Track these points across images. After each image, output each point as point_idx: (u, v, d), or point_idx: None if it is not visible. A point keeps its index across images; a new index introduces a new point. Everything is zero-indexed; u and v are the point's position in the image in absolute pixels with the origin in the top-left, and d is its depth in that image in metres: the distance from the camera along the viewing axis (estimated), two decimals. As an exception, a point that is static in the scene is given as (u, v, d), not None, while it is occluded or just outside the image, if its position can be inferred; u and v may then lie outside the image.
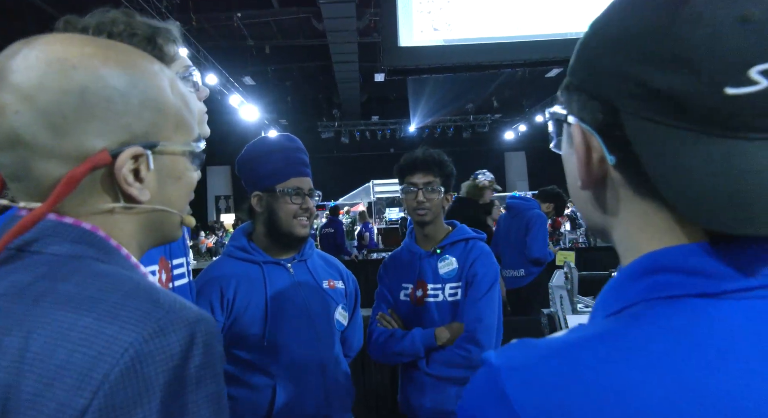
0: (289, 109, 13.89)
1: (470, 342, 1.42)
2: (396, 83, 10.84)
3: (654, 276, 0.36)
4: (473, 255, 1.52)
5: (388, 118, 14.79)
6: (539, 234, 3.45)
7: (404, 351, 1.48)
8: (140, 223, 0.53)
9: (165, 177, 0.53)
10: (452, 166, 1.59)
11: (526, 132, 14.90)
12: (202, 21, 8.11)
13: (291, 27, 9.00)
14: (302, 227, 1.34)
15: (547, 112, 0.46)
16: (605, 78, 0.37)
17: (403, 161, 1.59)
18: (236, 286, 1.28)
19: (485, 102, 14.07)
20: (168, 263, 0.95)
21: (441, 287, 1.52)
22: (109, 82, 0.47)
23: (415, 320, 1.53)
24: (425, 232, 1.58)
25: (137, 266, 0.52)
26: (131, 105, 0.48)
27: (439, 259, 1.54)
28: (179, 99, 0.54)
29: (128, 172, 0.48)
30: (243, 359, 1.26)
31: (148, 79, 0.50)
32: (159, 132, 0.51)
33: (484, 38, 3.86)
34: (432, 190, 1.53)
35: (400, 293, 1.59)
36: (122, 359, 0.39)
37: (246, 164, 1.37)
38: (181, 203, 0.56)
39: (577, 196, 0.45)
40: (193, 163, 0.57)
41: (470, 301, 1.47)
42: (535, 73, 10.85)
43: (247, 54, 9.71)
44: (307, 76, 11.80)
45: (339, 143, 14.96)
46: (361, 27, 8.05)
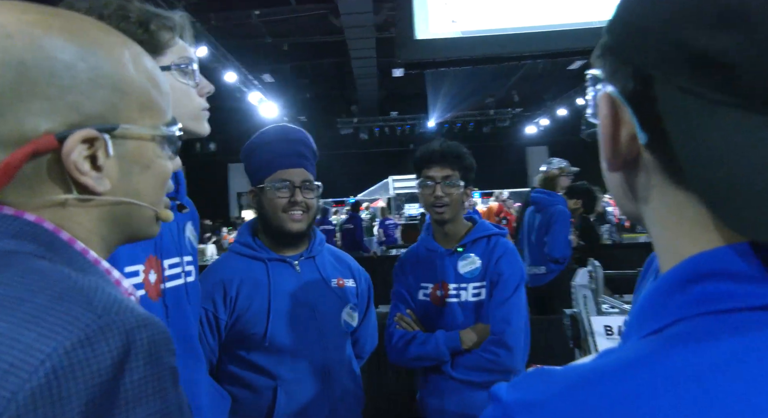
0: (308, 106, 13.94)
1: (498, 345, 1.35)
2: (414, 78, 10.74)
3: (698, 286, 0.29)
4: (497, 253, 1.45)
5: (407, 114, 14.71)
6: (560, 233, 3.31)
7: (428, 355, 1.41)
8: (102, 216, 0.46)
9: (130, 165, 0.47)
10: (472, 159, 1.50)
11: (548, 126, 14.63)
12: (220, 19, 8.18)
13: (308, 24, 9.00)
14: (294, 222, 1.25)
15: (587, 74, 0.40)
16: (639, 37, 0.31)
17: (420, 153, 1.50)
18: (239, 283, 1.24)
19: (506, 96, 13.84)
20: (159, 263, 0.91)
21: (464, 286, 1.45)
22: (53, 53, 0.40)
23: (436, 321, 1.46)
24: (445, 230, 1.50)
25: (97, 263, 0.46)
26: (80, 81, 0.42)
27: (461, 257, 1.47)
28: (145, 77, 0.47)
29: (81, 159, 0.42)
30: (244, 359, 1.23)
31: (103, 53, 0.44)
32: (119, 113, 0.44)
33: (503, 29, 3.75)
34: (451, 185, 1.44)
35: (418, 293, 1.51)
36: (36, 373, 0.32)
37: (243, 161, 1.35)
38: (153, 195, 0.50)
39: (608, 178, 0.39)
40: (165, 149, 0.50)
41: (496, 302, 1.40)
42: (557, 66, 10.60)
43: (266, 51, 9.76)
44: (325, 72, 11.81)
45: (357, 139, 14.95)
46: (379, 22, 7.99)
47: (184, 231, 1.03)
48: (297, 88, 12.29)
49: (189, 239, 1.04)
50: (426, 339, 1.42)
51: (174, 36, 0.88)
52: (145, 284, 0.87)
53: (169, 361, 0.40)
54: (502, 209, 7.88)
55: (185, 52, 0.90)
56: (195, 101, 0.91)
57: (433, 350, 1.39)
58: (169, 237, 0.95)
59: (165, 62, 0.86)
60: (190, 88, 0.90)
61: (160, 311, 0.90)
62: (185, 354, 0.94)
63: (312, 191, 1.28)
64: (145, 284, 0.87)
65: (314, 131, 9.18)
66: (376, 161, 16.65)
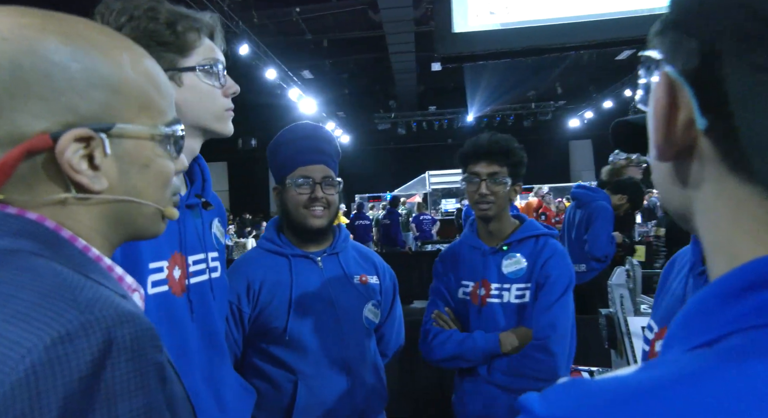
0: (346, 102, 14.04)
1: (541, 351, 1.29)
2: (453, 72, 10.61)
3: (759, 295, 0.26)
4: (546, 254, 1.38)
5: (446, 108, 14.56)
6: (602, 230, 3.14)
7: (463, 356, 1.36)
8: (103, 214, 0.47)
9: (128, 164, 0.47)
10: (522, 154, 1.42)
11: (593, 119, 14.11)
12: (263, 17, 8.35)
13: (348, 19, 9.05)
14: (315, 218, 1.26)
15: (640, 55, 0.36)
16: (708, 6, 0.28)
17: (466, 148, 1.44)
18: (263, 278, 1.25)
19: (548, 89, 13.44)
20: (183, 259, 0.92)
21: (506, 287, 1.39)
22: (47, 55, 0.41)
23: (475, 322, 1.41)
24: (489, 227, 1.44)
25: (99, 260, 0.47)
26: (75, 82, 0.43)
27: (505, 256, 1.41)
28: (144, 78, 0.48)
29: (76, 158, 0.43)
30: (266, 353, 1.24)
31: (99, 54, 0.44)
32: (115, 113, 0.45)
33: (545, 20, 3.64)
34: (497, 182, 1.37)
35: (458, 291, 1.46)
36: (16, 369, 0.33)
37: (268, 159, 1.36)
38: (155, 194, 0.51)
39: (655, 168, 0.36)
40: (167, 149, 0.51)
41: (542, 305, 1.33)
42: (604, 56, 10.18)
43: (306, 48, 9.89)
44: (364, 68, 11.85)
45: (395, 134, 14.95)
46: (418, 16, 7.93)
47: (210, 227, 1.04)
48: (336, 83, 12.40)
49: (215, 235, 1.06)
50: (463, 339, 1.37)
51: (200, 37, 0.89)
52: (169, 279, 0.89)
53: (154, 357, 0.39)
54: (541, 204, 7.68)
55: (212, 54, 0.91)
56: (219, 102, 0.93)
57: (470, 351, 1.35)
58: (194, 233, 0.97)
59: (190, 63, 0.88)
60: (215, 88, 0.91)
61: (185, 306, 0.91)
62: (209, 349, 0.96)
63: (333, 187, 1.28)
64: (169, 279, 0.89)
65: (352, 127, 9.26)
66: (413, 156, 16.60)
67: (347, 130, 15.61)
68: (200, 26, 0.89)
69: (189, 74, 0.89)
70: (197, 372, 0.92)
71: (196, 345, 0.93)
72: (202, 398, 0.92)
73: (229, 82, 0.94)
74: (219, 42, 0.94)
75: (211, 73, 0.90)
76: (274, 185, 1.32)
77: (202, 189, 1.01)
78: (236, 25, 7.23)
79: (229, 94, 0.94)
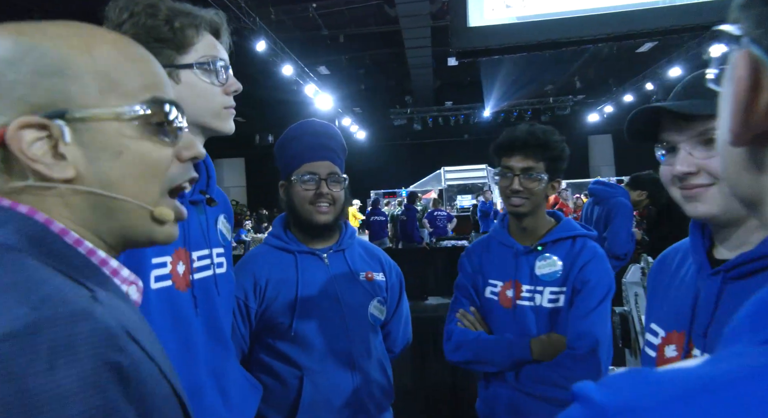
0: (363, 97, 14.04)
1: (576, 361, 1.21)
2: (470, 67, 10.51)
3: None
4: (584, 257, 1.28)
5: (462, 104, 14.45)
6: (621, 228, 3.07)
7: (490, 361, 1.29)
8: (83, 208, 0.46)
9: (97, 151, 0.45)
10: (563, 148, 1.31)
11: (613, 113, 13.83)
12: (280, 14, 8.39)
13: (364, 15, 9.04)
14: (321, 214, 1.25)
15: (716, 30, 0.34)
16: None
17: (502, 139, 1.33)
18: (269, 274, 1.26)
19: (567, 83, 13.22)
20: (188, 254, 0.93)
21: (539, 289, 1.30)
22: None
23: (503, 324, 1.33)
24: (523, 224, 1.35)
25: (91, 253, 0.46)
26: (23, 74, 0.43)
27: (539, 257, 1.32)
28: (105, 60, 0.47)
29: (29, 146, 0.43)
30: (273, 348, 1.25)
31: (50, 44, 0.45)
32: (70, 99, 0.44)
33: (562, 13, 3.57)
34: (531, 178, 1.28)
35: (485, 290, 1.38)
36: None
37: (275, 157, 1.36)
38: (134, 186, 0.47)
39: (725, 154, 0.34)
40: (148, 132, 0.48)
41: (579, 312, 1.24)
42: (624, 49, 9.96)
43: (322, 44, 9.92)
44: (380, 63, 11.83)
45: (411, 130, 14.90)
46: (434, 10, 7.87)
47: (215, 224, 1.05)
48: (352, 79, 12.40)
49: (221, 232, 1.06)
50: (491, 343, 1.30)
51: (199, 34, 0.88)
52: (173, 274, 0.90)
53: (109, 357, 0.38)
54: (557, 200, 7.57)
55: (211, 51, 0.90)
56: (217, 99, 0.91)
57: (498, 356, 1.28)
58: (198, 229, 0.97)
59: (188, 60, 0.88)
60: (213, 86, 0.90)
61: (189, 301, 0.92)
62: (214, 344, 0.97)
63: (338, 184, 1.27)
64: (173, 274, 0.90)
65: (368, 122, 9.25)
66: (429, 152, 16.53)
67: (363, 125, 15.61)
68: (199, 23, 0.88)
69: (186, 71, 0.89)
70: (202, 366, 0.93)
71: (201, 340, 0.94)
72: (207, 392, 0.93)
73: (231, 80, 0.93)
74: (225, 39, 0.94)
75: (209, 71, 0.89)
76: (281, 181, 1.33)
77: (206, 185, 1.01)
78: (253, 22, 7.28)
79: (230, 92, 0.93)
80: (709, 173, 0.73)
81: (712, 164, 0.72)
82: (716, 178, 0.72)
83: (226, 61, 0.92)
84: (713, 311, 0.74)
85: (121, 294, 0.48)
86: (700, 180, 0.73)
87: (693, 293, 0.79)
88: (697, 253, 0.81)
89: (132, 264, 0.85)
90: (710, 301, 0.75)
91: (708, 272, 0.77)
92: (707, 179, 0.73)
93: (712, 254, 0.80)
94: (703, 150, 0.73)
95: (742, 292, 0.72)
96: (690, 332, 0.77)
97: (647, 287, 0.99)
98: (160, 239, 0.52)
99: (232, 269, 1.11)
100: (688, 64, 9.57)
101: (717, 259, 0.79)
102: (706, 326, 0.75)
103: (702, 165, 0.73)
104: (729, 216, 0.73)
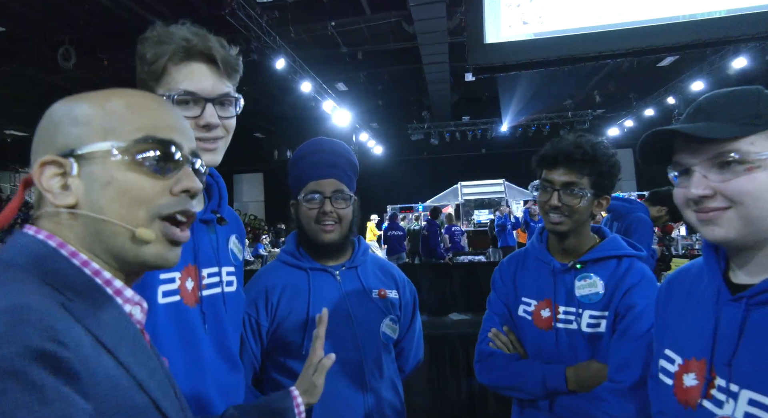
0: (380, 113, 14.17)
1: (617, 395, 1.10)
2: (487, 82, 10.54)
3: None
4: (631, 280, 1.17)
5: (479, 118, 14.45)
6: (642, 243, 3.03)
7: (521, 387, 1.22)
8: (84, 232, 0.55)
9: (93, 182, 0.54)
10: (613, 162, 1.21)
11: (633, 127, 13.66)
12: (299, 32, 8.59)
13: (382, 32, 9.18)
14: (326, 233, 1.23)
15: None
16: None
17: (544, 151, 1.24)
18: (281, 291, 1.25)
19: (586, 97, 13.13)
20: (197, 271, 0.94)
21: (579, 312, 1.19)
22: (52, 116, 0.57)
23: (536, 347, 1.24)
24: (563, 244, 1.25)
25: (96, 274, 0.54)
26: (59, 126, 0.56)
27: (579, 277, 1.21)
28: (111, 110, 0.57)
29: (46, 179, 0.54)
30: (284, 367, 1.23)
31: (83, 103, 0.57)
32: (82, 142, 0.55)
33: (579, 29, 3.57)
34: (572, 194, 1.18)
35: (518, 308, 1.30)
36: None
37: (288, 176, 1.35)
38: (120, 211, 0.54)
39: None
40: (137, 165, 0.55)
41: (622, 340, 1.13)
42: (644, 63, 9.87)
43: (341, 61, 10.08)
44: (397, 79, 11.95)
45: (428, 145, 14.93)
46: (452, 27, 7.95)
47: (226, 243, 1.06)
48: (370, 95, 12.55)
49: (232, 251, 1.07)
50: (524, 368, 1.22)
51: (167, 63, 0.87)
52: (181, 290, 0.91)
53: (40, 345, 0.42)
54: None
55: (177, 84, 0.88)
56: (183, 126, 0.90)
57: (530, 383, 1.20)
58: (209, 247, 0.99)
59: (161, 92, 0.89)
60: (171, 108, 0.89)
61: (198, 317, 0.93)
62: (222, 360, 0.97)
63: (344, 201, 1.25)
64: (181, 290, 0.91)
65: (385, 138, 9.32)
66: (446, 167, 16.52)
67: (380, 141, 15.72)
68: (167, 53, 0.87)
69: None
70: (211, 382, 0.94)
71: (210, 355, 0.94)
72: (217, 407, 0.93)
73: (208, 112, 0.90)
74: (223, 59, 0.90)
75: (174, 102, 0.88)
76: (291, 200, 1.32)
77: (218, 205, 1.03)
78: (274, 41, 7.46)
79: (200, 124, 0.90)
80: (725, 197, 0.70)
81: (729, 188, 0.69)
82: (733, 202, 0.69)
83: (200, 93, 0.89)
84: (737, 339, 0.71)
85: (121, 311, 0.55)
86: (716, 203, 0.70)
87: (712, 319, 0.76)
88: (713, 277, 0.78)
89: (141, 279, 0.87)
90: (733, 329, 0.72)
91: (728, 297, 0.74)
92: (723, 203, 0.70)
93: (728, 277, 0.77)
94: (718, 173, 0.70)
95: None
96: (711, 360, 0.74)
97: (656, 310, 0.95)
98: (150, 259, 0.57)
99: (242, 289, 1.12)
100: (710, 78, 9.42)
101: (735, 283, 0.76)
102: (731, 355, 0.71)
103: (718, 188, 0.70)
104: (747, 240, 0.71)
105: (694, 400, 0.76)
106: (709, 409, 0.73)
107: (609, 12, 3.61)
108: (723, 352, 0.72)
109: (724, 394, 0.71)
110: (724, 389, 0.71)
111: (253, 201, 18.46)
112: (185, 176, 0.58)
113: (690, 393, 0.77)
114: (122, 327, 0.53)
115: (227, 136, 0.96)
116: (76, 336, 0.46)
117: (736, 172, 0.69)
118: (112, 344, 0.50)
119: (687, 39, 3.76)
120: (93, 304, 0.51)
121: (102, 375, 0.46)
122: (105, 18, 7.44)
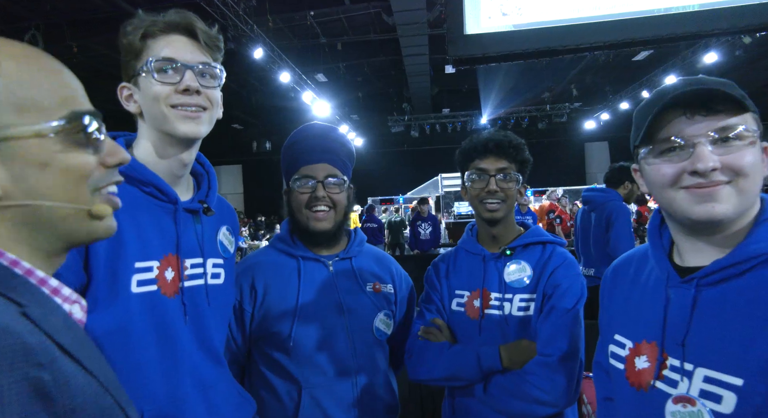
0: (360, 105, 14.09)
1: (546, 368, 1.12)
2: (467, 74, 10.57)
3: None
4: (554, 262, 1.23)
5: (459, 111, 14.51)
6: (623, 229, 3.06)
7: (458, 373, 1.19)
8: (15, 223, 0.48)
9: (22, 167, 0.47)
10: (528, 152, 1.30)
11: (609, 121, 13.93)
12: (278, 21, 8.43)
13: (362, 23, 9.10)
14: (318, 221, 1.19)
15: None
16: None
17: (471, 143, 1.29)
18: (269, 276, 1.20)
19: (563, 90, 13.31)
20: (179, 261, 0.90)
21: (509, 297, 1.23)
22: None
23: (469, 336, 1.24)
24: (494, 232, 1.28)
25: (29, 273, 0.48)
26: None
27: (509, 263, 1.25)
28: (13, 80, 0.47)
29: None
30: (271, 359, 1.18)
31: None
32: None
33: (558, 21, 3.60)
34: (508, 178, 1.24)
35: (452, 302, 1.30)
36: None
37: (281, 162, 1.30)
38: (67, 193, 0.49)
39: None
40: (73, 143, 0.49)
41: (549, 316, 1.17)
42: (620, 57, 10.04)
43: (320, 51, 9.96)
44: (377, 71, 11.89)
45: (409, 137, 14.94)
46: (432, 19, 7.93)
47: (215, 234, 1.02)
48: (349, 86, 12.45)
49: (221, 243, 1.03)
50: (457, 353, 1.20)
51: (145, 38, 0.86)
52: (159, 279, 0.87)
53: (29, 372, 0.39)
54: (554, 207, 7.56)
55: (156, 52, 0.86)
56: (160, 103, 0.87)
57: (466, 368, 1.17)
58: (193, 237, 0.95)
59: (138, 67, 0.87)
60: (163, 86, 0.86)
61: (178, 308, 0.90)
62: (202, 354, 0.94)
63: (338, 186, 1.20)
64: (159, 279, 0.87)
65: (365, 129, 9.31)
66: (426, 159, 16.58)
67: (361, 132, 15.65)
68: (144, 26, 0.86)
69: (141, 78, 0.88)
70: (186, 377, 0.90)
71: (188, 349, 0.91)
72: (190, 403, 0.90)
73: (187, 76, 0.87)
74: (201, 35, 0.89)
75: (148, 72, 0.86)
76: (284, 188, 1.27)
77: (206, 195, 1.00)
78: (251, 29, 7.31)
79: (180, 90, 0.87)
80: (730, 169, 0.68)
81: (737, 160, 0.68)
82: (738, 175, 0.68)
83: (179, 60, 0.87)
84: (689, 319, 0.72)
85: (60, 312, 0.49)
86: (720, 177, 0.69)
87: (661, 302, 0.76)
88: (661, 260, 0.79)
89: (111, 267, 0.82)
90: (685, 309, 0.72)
91: (678, 279, 0.75)
92: (725, 176, 0.69)
93: (673, 262, 0.78)
94: (721, 146, 0.69)
95: (719, 299, 0.70)
96: (663, 342, 0.75)
97: (601, 297, 0.95)
98: (101, 233, 0.53)
99: (232, 282, 1.08)
100: (682, 72, 9.65)
101: (681, 267, 0.76)
102: (684, 335, 0.72)
103: (725, 161, 0.68)
104: (737, 217, 0.69)
105: (647, 382, 0.76)
106: (663, 389, 0.74)
107: (587, 5, 3.65)
108: (675, 333, 0.73)
109: (678, 374, 0.72)
110: (678, 368, 0.72)
111: (231, 193, 18.20)
112: (113, 148, 0.54)
113: (642, 375, 0.78)
114: (72, 329, 0.49)
115: (212, 109, 0.92)
116: (46, 348, 0.42)
117: (737, 146, 0.68)
118: (72, 349, 0.46)
119: (662, 32, 3.83)
120: (41, 307, 0.46)
121: (76, 387, 0.43)
122: (73, 3, 7.17)
